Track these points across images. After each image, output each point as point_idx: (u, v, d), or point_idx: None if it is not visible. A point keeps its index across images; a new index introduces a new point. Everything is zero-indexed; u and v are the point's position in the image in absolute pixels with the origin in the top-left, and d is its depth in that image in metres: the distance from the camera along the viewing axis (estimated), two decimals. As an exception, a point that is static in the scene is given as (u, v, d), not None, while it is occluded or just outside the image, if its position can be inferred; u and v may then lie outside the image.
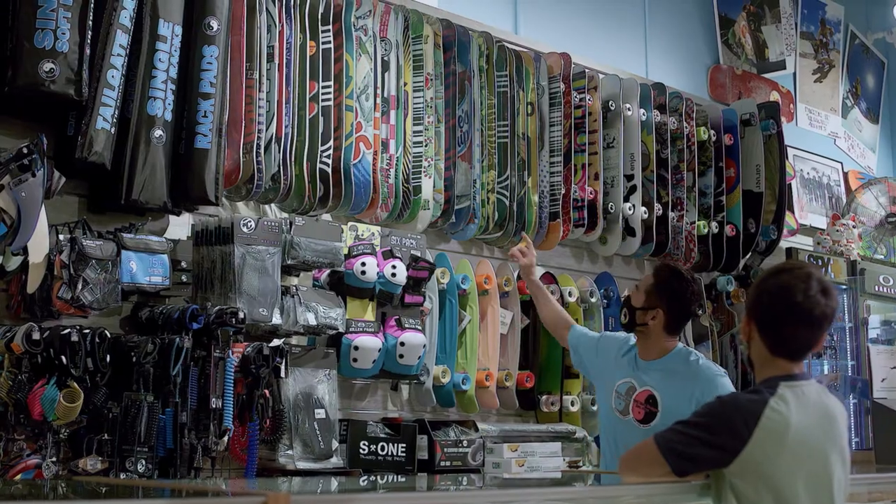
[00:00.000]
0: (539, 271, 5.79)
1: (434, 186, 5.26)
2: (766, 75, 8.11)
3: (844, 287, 7.66)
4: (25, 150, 3.79)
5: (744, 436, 3.00)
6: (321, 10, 4.89)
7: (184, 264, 4.36)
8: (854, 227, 8.09)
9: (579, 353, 4.59)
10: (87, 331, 3.91)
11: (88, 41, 4.00)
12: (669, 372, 4.22)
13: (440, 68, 5.38)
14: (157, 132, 4.20)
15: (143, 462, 3.91)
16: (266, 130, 4.63)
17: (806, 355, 3.16)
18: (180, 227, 4.49)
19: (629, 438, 4.19)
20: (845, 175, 8.75)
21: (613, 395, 4.31)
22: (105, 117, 4.03)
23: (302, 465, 4.43)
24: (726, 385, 4.18)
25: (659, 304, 4.23)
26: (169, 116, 4.25)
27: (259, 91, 4.59)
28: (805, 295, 3.05)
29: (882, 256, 8.54)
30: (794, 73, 8.52)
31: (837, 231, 7.95)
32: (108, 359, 3.94)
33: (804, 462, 3.03)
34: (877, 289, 7.83)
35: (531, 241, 4.90)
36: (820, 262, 7.48)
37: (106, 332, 3.96)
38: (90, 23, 4.00)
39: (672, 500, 3.22)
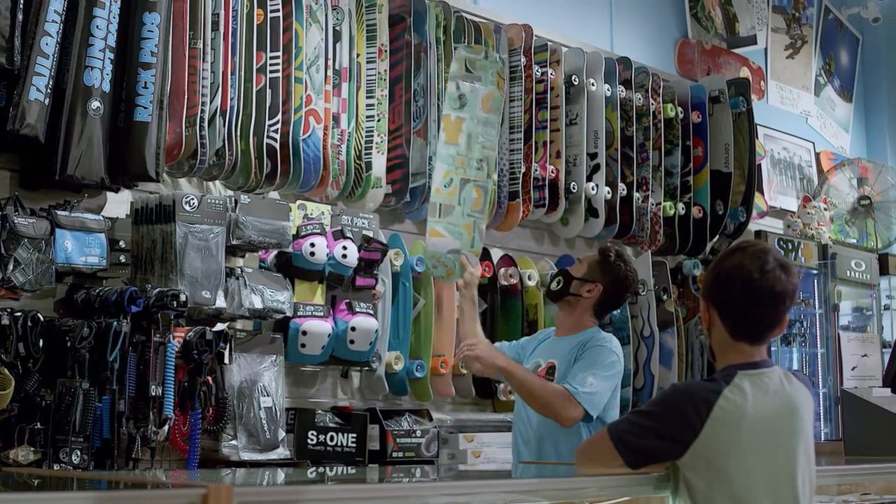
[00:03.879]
0: (497, 254, 5.83)
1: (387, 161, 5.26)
2: (737, 50, 8.15)
3: (815, 272, 7.74)
4: (-47, 122, 3.75)
5: (695, 426, 3.02)
6: (269, -24, 4.87)
7: (122, 244, 4.33)
8: (826, 209, 8.17)
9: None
10: (18, 314, 3.88)
11: (21, 6, 3.97)
12: (574, 343, 4.28)
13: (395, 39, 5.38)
14: (95, 104, 4.17)
15: (79, 453, 3.89)
16: (210, 103, 4.60)
17: (768, 337, 3.17)
18: (119, 204, 4.46)
19: (524, 414, 4.32)
20: (817, 155, 8.82)
21: None
22: (39, 87, 3.99)
23: (246, 455, 4.43)
24: (612, 348, 4.26)
25: (601, 280, 4.32)
26: (107, 87, 4.22)
27: (203, 61, 4.56)
28: (762, 272, 3.07)
29: (854, 240, 8.63)
30: (766, 49, 8.57)
31: (808, 214, 8.03)
32: (41, 343, 3.92)
33: (762, 454, 3.05)
34: (848, 274, 7.92)
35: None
36: (790, 246, 7.55)
37: (39, 315, 3.94)
38: (23, -14, 3.97)
39: (629, 493, 3.25)
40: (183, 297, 4.17)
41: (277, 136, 4.83)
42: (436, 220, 4.44)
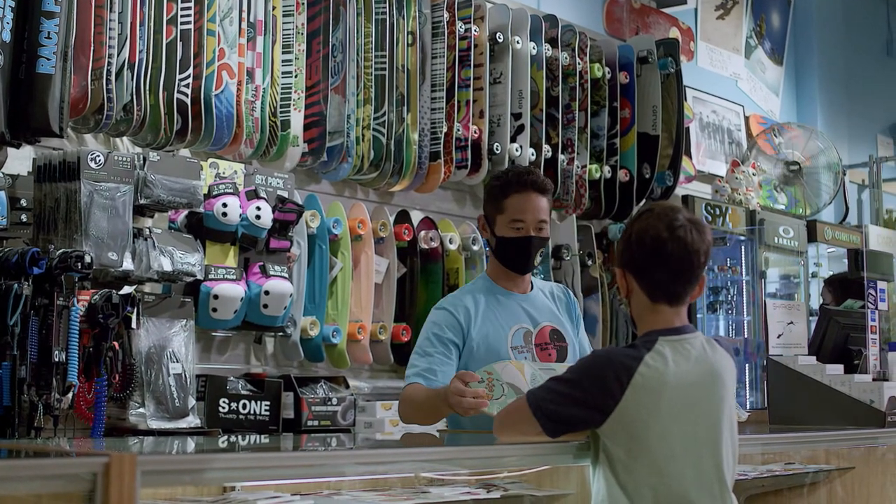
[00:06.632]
0: (418, 216, 5.83)
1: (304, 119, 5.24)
2: (666, 10, 8.21)
3: (743, 238, 7.84)
4: None
5: (615, 394, 3.05)
6: (181, -78, 4.81)
7: (24, 202, 4.25)
8: (754, 174, 8.26)
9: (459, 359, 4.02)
10: (-88, 275, 3.81)
11: (-86, -50, 3.88)
12: (550, 297, 4.17)
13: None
14: (-6, 54, 4.10)
15: (-24, 421, 3.85)
16: (118, 55, 4.54)
17: (686, 297, 3.20)
18: (20, 160, 4.39)
19: None
20: (747, 119, 8.93)
21: (511, 351, 3.96)
22: (-67, 36, 3.92)
23: (155, 424, 4.40)
24: None
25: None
26: (7, 37, 4.14)
27: (110, 11, 4.50)
28: (671, 229, 3.11)
29: (783, 206, 8.75)
30: (696, 9, 8.64)
31: (737, 178, 8.12)
32: (-64, 306, 3.86)
33: (683, 422, 3.09)
34: (776, 240, 8.03)
35: None
36: (718, 212, 7.64)
37: (-66, 276, 3.88)
38: (-84, -71, 3.88)
39: (549, 461, 3.27)
40: (88, 259, 4.11)
41: (188, 91, 4.78)
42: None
